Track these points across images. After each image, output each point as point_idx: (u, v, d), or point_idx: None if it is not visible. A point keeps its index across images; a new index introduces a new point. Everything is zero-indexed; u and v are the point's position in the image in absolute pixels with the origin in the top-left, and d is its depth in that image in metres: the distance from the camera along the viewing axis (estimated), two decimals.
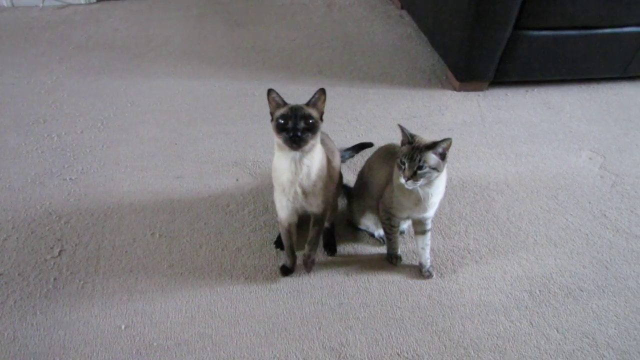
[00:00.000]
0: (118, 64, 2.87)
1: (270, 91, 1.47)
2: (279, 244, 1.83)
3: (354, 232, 1.91)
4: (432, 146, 1.43)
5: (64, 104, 2.51)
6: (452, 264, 1.80)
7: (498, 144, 2.38)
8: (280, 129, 1.43)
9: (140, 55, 2.97)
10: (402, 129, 1.49)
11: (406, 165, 1.44)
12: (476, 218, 1.98)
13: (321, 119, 1.49)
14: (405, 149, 1.47)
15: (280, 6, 3.71)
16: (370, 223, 1.82)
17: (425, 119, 2.51)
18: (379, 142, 2.31)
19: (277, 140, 1.46)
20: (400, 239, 1.81)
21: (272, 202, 1.70)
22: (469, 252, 1.84)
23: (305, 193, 1.53)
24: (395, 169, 1.52)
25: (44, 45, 3.07)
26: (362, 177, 1.81)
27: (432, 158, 1.43)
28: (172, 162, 2.18)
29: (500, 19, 2.41)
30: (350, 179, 2.08)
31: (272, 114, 1.50)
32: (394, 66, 2.95)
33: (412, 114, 2.54)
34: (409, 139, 1.47)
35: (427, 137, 1.49)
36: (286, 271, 1.75)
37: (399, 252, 1.79)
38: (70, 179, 2.07)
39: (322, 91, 1.48)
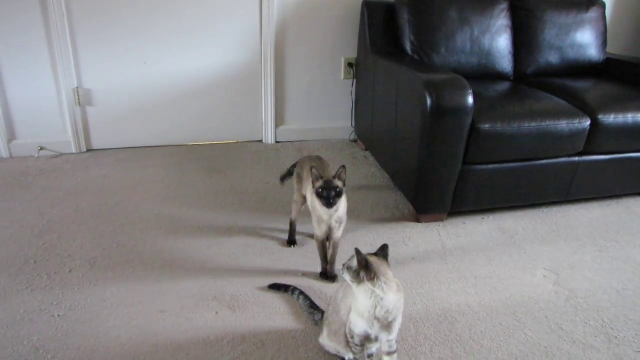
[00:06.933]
0: (105, 208, 3.08)
1: (312, 168, 2.20)
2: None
3: (325, 356, 2.02)
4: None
5: (54, 246, 2.67)
6: None
7: (458, 268, 2.59)
8: (319, 195, 2.16)
9: (126, 200, 3.20)
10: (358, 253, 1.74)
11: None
12: (440, 338, 2.12)
13: (344, 185, 2.19)
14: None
15: (254, 152, 4.07)
16: (340, 347, 1.94)
17: (390, 250, 2.71)
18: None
19: (317, 200, 2.19)
20: None
21: (249, 333, 1.82)
22: None
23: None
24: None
25: (37, 191, 3.29)
26: (334, 303, 1.96)
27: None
28: (156, 298, 2.31)
29: (450, 158, 2.75)
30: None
31: (313, 182, 2.20)
32: (360, 203, 3.22)
33: (377, 246, 2.73)
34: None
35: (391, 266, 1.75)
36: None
37: None
38: (59, 315, 2.18)
39: (344, 167, 2.20)
